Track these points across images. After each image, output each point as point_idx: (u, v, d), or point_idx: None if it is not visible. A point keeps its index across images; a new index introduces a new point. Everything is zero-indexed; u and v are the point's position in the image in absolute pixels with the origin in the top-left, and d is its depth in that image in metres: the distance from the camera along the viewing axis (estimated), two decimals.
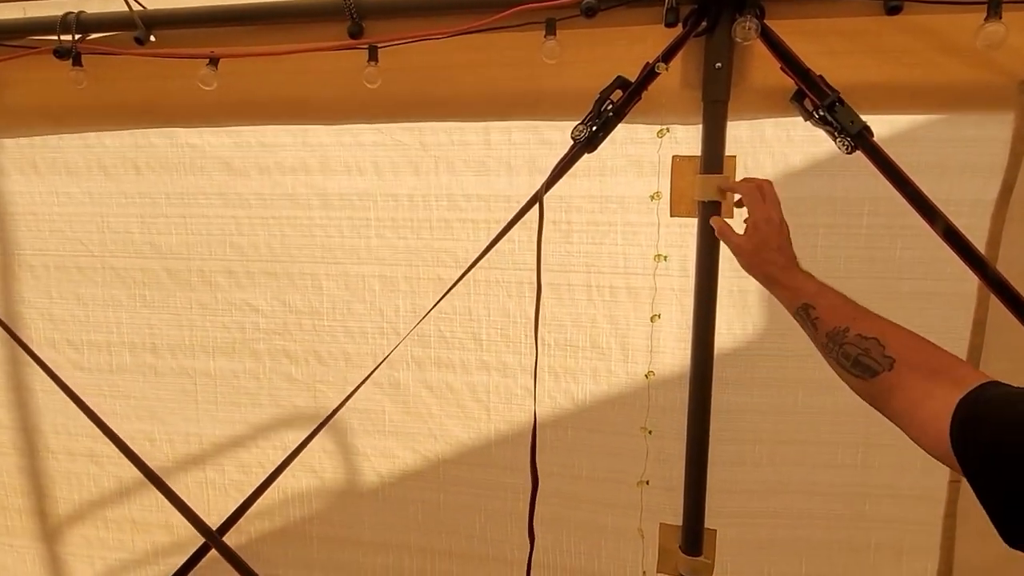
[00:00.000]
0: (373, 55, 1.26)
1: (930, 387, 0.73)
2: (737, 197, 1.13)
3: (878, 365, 0.80)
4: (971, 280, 1.14)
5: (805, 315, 0.93)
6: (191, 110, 1.43)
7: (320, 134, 1.42)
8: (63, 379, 1.53)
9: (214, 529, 1.48)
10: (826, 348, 0.89)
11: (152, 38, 1.32)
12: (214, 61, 1.29)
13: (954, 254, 1.10)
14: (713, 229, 1.18)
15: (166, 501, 1.52)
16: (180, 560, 1.53)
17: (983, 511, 0.69)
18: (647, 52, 1.18)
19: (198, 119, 1.45)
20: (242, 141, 1.46)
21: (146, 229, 1.59)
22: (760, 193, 1.06)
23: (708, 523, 1.35)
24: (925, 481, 1.31)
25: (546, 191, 1.24)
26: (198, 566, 1.52)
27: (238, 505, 1.45)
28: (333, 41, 1.27)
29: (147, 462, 1.72)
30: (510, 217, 1.28)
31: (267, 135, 1.44)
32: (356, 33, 1.26)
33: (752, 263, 1.04)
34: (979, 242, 1.15)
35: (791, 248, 1.03)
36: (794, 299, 0.95)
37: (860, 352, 0.83)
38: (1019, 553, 1.24)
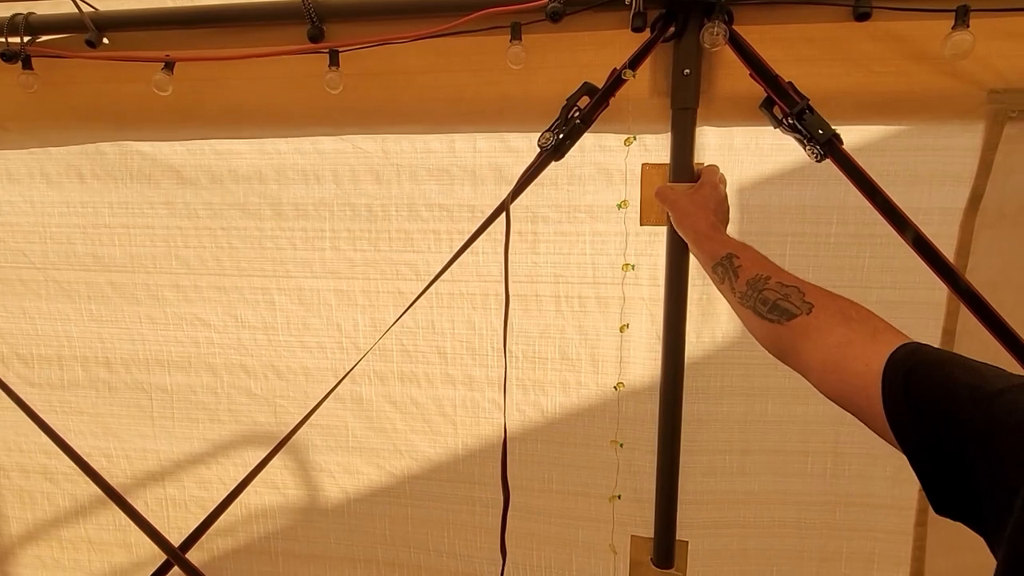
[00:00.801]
0: (334, 60, 1.20)
1: (847, 334, 0.74)
2: None
3: (797, 308, 0.81)
4: (940, 289, 1.14)
5: (728, 264, 0.94)
6: (145, 116, 1.35)
7: (278, 141, 1.35)
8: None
9: (177, 545, 1.43)
10: (743, 296, 0.89)
11: (105, 41, 1.25)
12: (169, 65, 1.22)
13: (923, 263, 1.09)
14: (681, 240, 1.16)
15: (124, 519, 1.48)
16: None
17: (955, 522, 0.69)
18: (614, 58, 1.14)
19: (153, 125, 1.37)
20: (195, 148, 1.38)
21: (88, 240, 1.51)
22: (713, 167, 1.14)
23: (680, 535, 1.34)
24: (896, 490, 1.31)
25: (512, 200, 1.20)
26: None
27: (200, 522, 1.39)
28: (292, 45, 1.20)
29: (105, 479, 1.66)
30: (474, 228, 1.24)
31: (222, 141, 1.37)
32: (316, 37, 1.20)
33: (685, 213, 1.08)
34: (948, 251, 1.15)
35: (725, 222, 1.08)
36: (718, 250, 0.97)
37: (780, 297, 0.84)
38: (989, 562, 1.24)
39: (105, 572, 1.74)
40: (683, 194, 1.11)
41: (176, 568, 1.45)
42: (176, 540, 1.43)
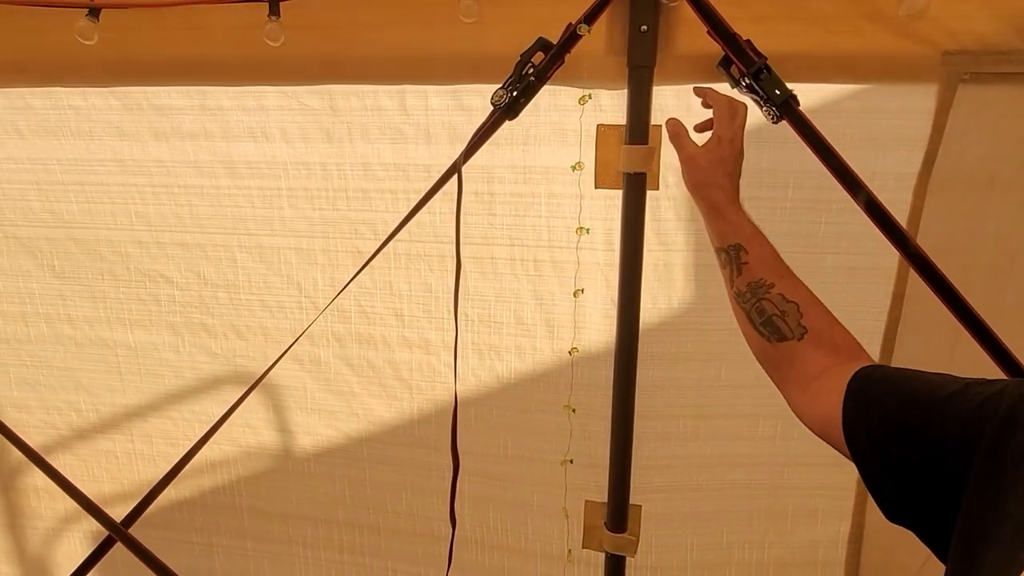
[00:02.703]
0: (274, 9, 1.15)
1: (828, 363, 0.74)
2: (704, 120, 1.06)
3: (790, 332, 0.79)
4: (892, 255, 1.13)
5: (735, 255, 0.88)
6: (72, 69, 1.29)
7: (219, 97, 1.31)
8: None
9: (123, 518, 1.42)
10: (741, 296, 0.85)
11: None
12: (94, 12, 1.16)
13: (876, 229, 1.08)
14: (637, 202, 1.14)
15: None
16: None
17: None
18: (570, 12, 1.10)
19: (80, 79, 1.32)
20: (131, 104, 1.34)
21: (44, 197, 1.48)
22: (732, 111, 0.98)
23: (633, 499, 1.35)
24: None
25: (465, 160, 1.17)
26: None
27: (144, 496, 1.39)
28: None
29: (74, 433, 1.67)
30: (430, 187, 1.21)
31: (160, 97, 1.33)
32: None
33: (701, 181, 0.95)
34: (902, 216, 1.14)
35: (738, 182, 0.97)
36: (729, 235, 0.90)
37: (777, 313, 0.81)
38: None
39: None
40: (702, 150, 0.97)
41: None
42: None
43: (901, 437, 0.60)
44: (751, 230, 0.90)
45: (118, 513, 1.44)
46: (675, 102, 1.19)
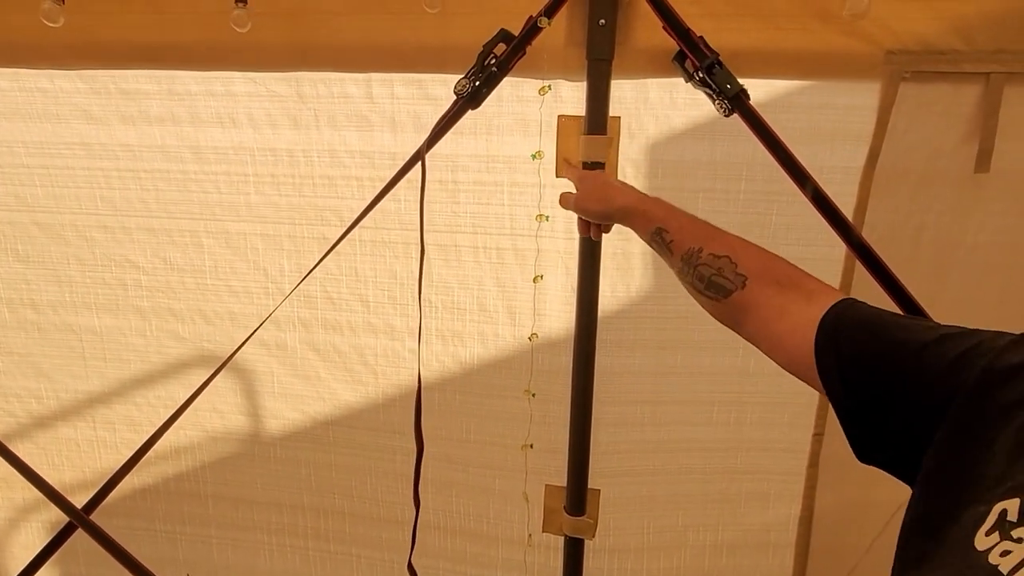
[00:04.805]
0: None
1: (782, 302, 0.74)
2: None
3: (731, 284, 0.80)
4: (840, 245, 1.18)
5: (659, 238, 0.92)
6: (36, 50, 1.30)
7: (188, 82, 1.32)
8: None
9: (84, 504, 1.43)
10: (682, 272, 0.88)
11: None
12: None
13: (823, 220, 1.13)
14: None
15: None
16: None
17: (842, 462, 0.68)
18: (532, 5, 1.13)
19: (45, 60, 1.32)
20: (99, 87, 1.34)
21: (7, 180, 1.48)
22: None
23: (592, 483, 1.38)
24: (792, 435, 1.37)
25: (428, 148, 1.20)
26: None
27: (107, 479, 1.39)
28: None
29: (33, 420, 1.66)
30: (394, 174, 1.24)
31: (127, 81, 1.33)
32: None
33: (596, 201, 1.07)
34: (848, 208, 1.19)
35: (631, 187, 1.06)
36: (647, 224, 0.94)
37: (713, 272, 0.82)
38: (871, 498, 1.31)
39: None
40: (579, 193, 1.12)
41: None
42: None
43: (872, 379, 0.61)
44: (663, 211, 0.94)
45: (78, 502, 1.44)
46: (633, 94, 1.23)
